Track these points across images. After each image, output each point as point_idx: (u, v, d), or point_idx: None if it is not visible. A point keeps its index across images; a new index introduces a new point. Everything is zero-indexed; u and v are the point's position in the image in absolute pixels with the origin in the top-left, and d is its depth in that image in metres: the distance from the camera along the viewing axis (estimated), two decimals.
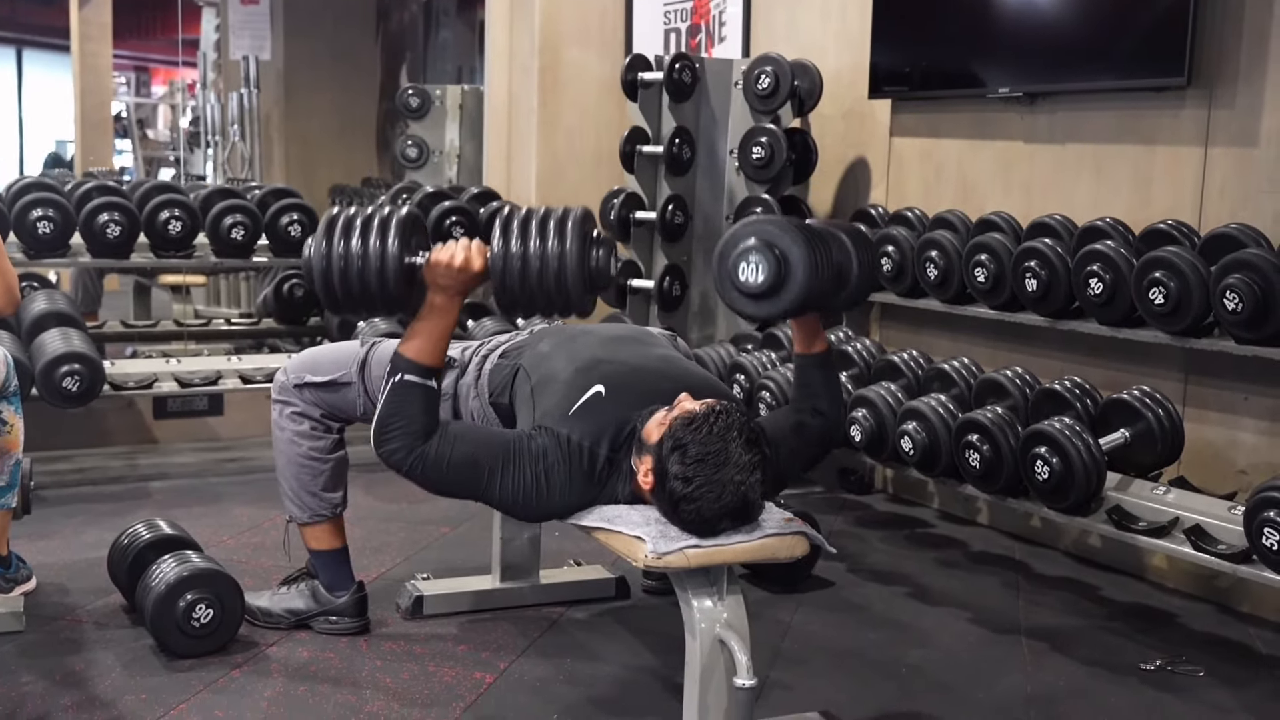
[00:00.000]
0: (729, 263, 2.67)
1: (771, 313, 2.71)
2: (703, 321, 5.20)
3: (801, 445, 2.82)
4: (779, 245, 2.62)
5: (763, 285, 2.62)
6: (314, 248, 2.56)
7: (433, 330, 2.60)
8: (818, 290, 2.66)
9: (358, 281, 2.54)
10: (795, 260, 2.60)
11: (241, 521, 4.15)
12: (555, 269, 2.49)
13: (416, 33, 11.08)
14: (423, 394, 2.58)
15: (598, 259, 2.55)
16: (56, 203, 4.58)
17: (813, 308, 2.76)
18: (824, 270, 2.66)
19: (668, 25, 5.99)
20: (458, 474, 2.58)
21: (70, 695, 2.79)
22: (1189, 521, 3.21)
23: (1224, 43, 3.58)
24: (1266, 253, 3.17)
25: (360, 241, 2.54)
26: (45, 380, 4.19)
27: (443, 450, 2.57)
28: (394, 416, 2.57)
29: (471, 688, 2.92)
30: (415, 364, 2.58)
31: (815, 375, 2.89)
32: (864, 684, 3.03)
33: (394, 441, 2.57)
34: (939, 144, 4.58)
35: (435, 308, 2.60)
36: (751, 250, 2.63)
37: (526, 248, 2.50)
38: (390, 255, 2.53)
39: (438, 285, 2.58)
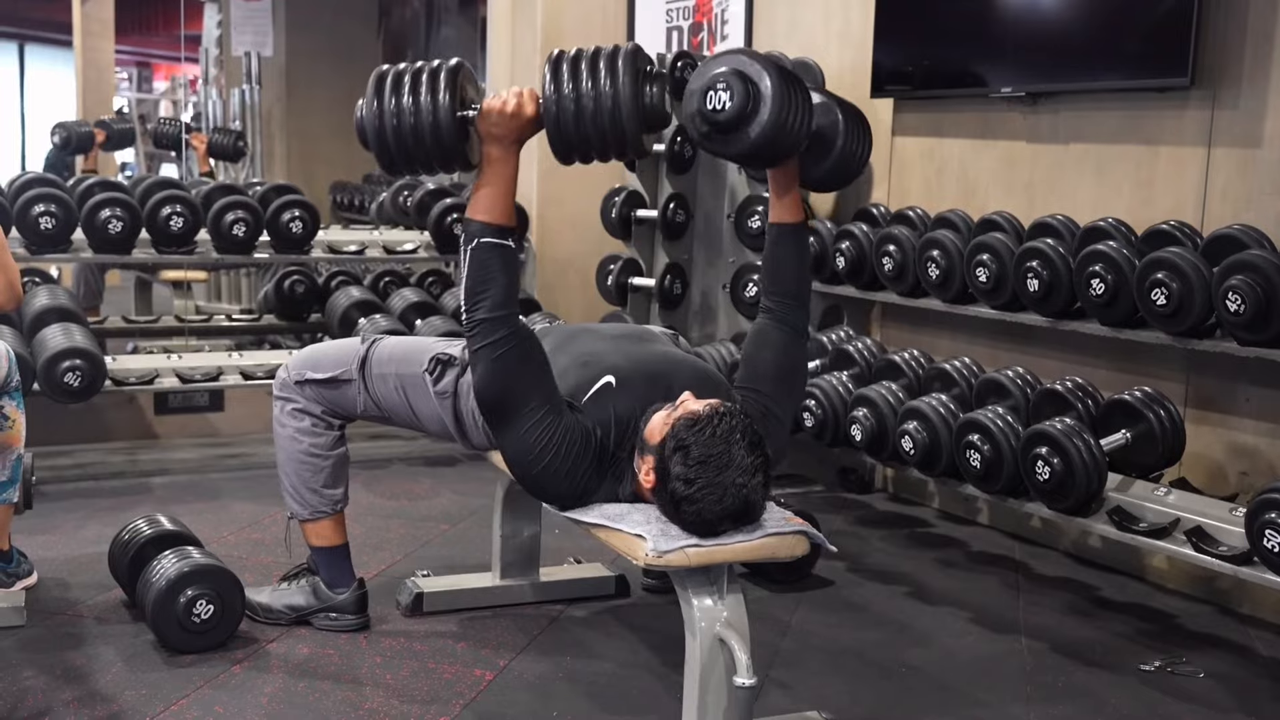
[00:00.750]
0: (698, 88, 2.59)
1: (739, 149, 2.61)
2: (704, 320, 5.20)
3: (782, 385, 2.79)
4: (750, 74, 2.55)
5: (730, 113, 2.53)
6: (365, 106, 2.53)
7: (495, 184, 2.57)
8: (787, 131, 2.57)
9: (411, 137, 2.50)
10: (765, 92, 2.52)
11: (242, 517, 4.16)
12: (610, 108, 2.44)
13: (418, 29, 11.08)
14: (501, 255, 2.55)
15: (652, 95, 2.48)
16: (59, 198, 4.58)
17: (783, 151, 2.67)
18: (797, 112, 2.57)
19: (670, 23, 5.99)
20: (510, 388, 2.55)
21: (71, 690, 2.79)
22: (1190, 523, 3.21)
23: (1228, 43, 3.58)
24: (1269, 254, 3.17)
25: (411, 97, 2.49)
26: (47, 375, 4.19)
27: (518, 355, 2.54)
28: (480, 284, 2.54)
29: (471, 685, 2.92)
30: (487, 225, 2.55)
31: (785, 253, 2.84)
32: (863, 683, 3.03)
33: (482, 311, 2.54)
34: (941, 143, 4.58)
35: (493, 160, 2.57)
36: (721, 76, 2.55)
37: (579, 88, 2.44)
38: (443, 108, 2.49)
39: (492, 135, 2.55)
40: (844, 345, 4.36)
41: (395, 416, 3.10)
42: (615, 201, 5.14)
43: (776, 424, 2.77)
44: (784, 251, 2.85)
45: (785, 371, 2.84)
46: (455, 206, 5.28)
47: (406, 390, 3.04)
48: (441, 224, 5.27)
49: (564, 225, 5.84)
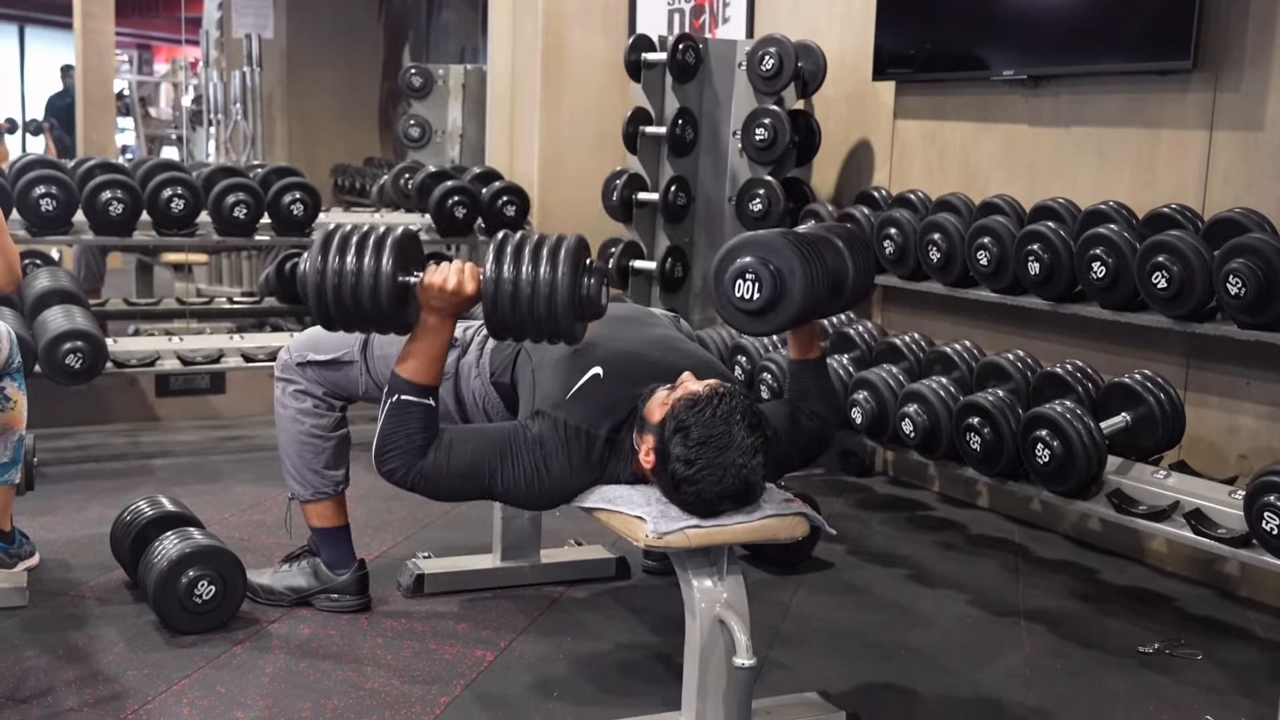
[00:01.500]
0: (725, 280, 2.68)
1: (770, 329, 2.73)
2: (705, 303, 5.20)
3: (797, 439, 2.83)
4: (775, 262, 2.63)
5: (760, 303, 2.63)
6: (309, 263, 2.58)
7: (427, 350, 2.61)
8: (814, 303, 2.68)
9: (351, 298, 2.55)
10: (792, 276, 2.62)
11: (243, 499, 4.16)
12: (546, 295, 2.49)
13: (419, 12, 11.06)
14: (420, 412, 2.60)
15: (589, 288, 2.55)
16: (59, 180, 4.57)
17: (810, 318, 2.78)
18: (820, 282, 2.67)
19: (671, 6, 5.98)
20: (459, 479, 2.60)
21: (73, 670, 2.80)
22: (1189, 506, 3.22)
23: (1230, 27, 3.57)
24: (1270, 237, 3.17)
25: (355, 259, 2.54)
26: (48, 357, 4.19)
27: (439, 461, 2.58)
28: (392, 436, 2.59)
29: (472, 666, 2.93)
30: (411, 384, 2.60)
31: (810, 381, 2.91)
32: (863, 665, 3.04)
33: (393, 460, 2.59)
34: (943, 126, 4.58)
35: (429, 328, 2.61)
36: (748, 268, 2.64)
37: (519, 273, 2.50)
38: (384, 274, 2.54)
39: (430, 306, 2.59)
40: (845, 328, 4.37)
41: None
42: (616, 184, 5.14)
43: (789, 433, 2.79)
44: (810, 382, 2.91)
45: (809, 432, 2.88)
46: (457, 189, 5.27)
47: None
48: (443, 207, 5.27)
49: (565, 208, 5.83)
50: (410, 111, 7.37)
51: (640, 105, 5.05)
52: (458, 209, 5.25)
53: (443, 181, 5.42)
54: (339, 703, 2.71)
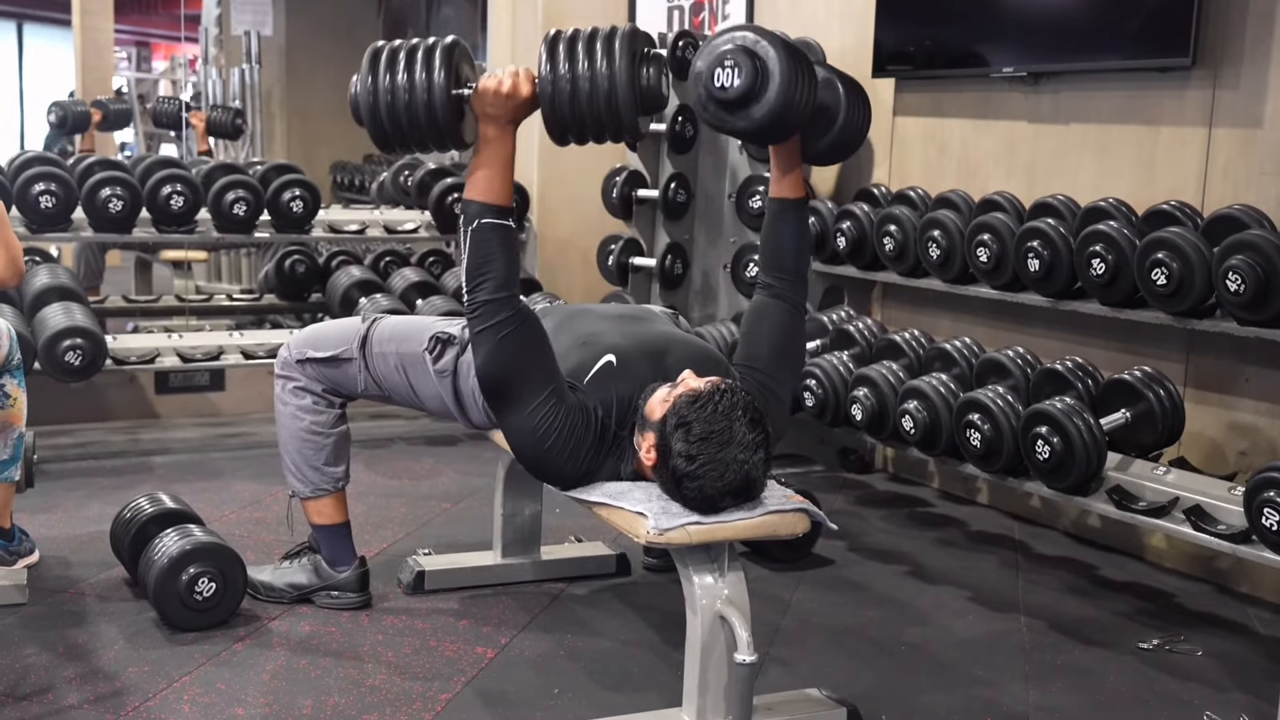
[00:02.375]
0: (705, 65, 2.59)
1: (747, 126, 2.61)
2: (704, 300, 5.20)
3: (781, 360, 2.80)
4: (758, 53, 2.55)
5: (738, 90, 2.54)
6: (359, 83, 2.51)
7: (492, 164, 2.56)
8: (794, 108, 2.58)
9: (405, 115, 2.49)
10: (773, 68, 2.53)
11: (243, 496, 4.16)
12: (605, 90, 2.42)
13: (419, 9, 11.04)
14: (501, 235, 2.55)
15: (649, 78, 2.47)
16: (59, 177, 4.58)
17: (789, 128, 2.68)
18: (803, 89, 2.58)
19: (671, 2, 5.97)
20: (514, 371, 2.55)
21: (73, 667, 2.80)
22: (1189, 502, 3.22)
23: (1229, 24, 3.57)
24: (1269, 234, 3.16)
25: (406, 74, 2.48)
26: (47, 354, 4.20)
27: (521, 338, 2.54)
28: (483, 264, 2.53)
29: (473, 662, 2.93)
30: (485, 205, 2.55)
31: (784, 228, 2.85)
32: (863, 661, 3.05)
33: (485, 290, 2.54)
34: (942, 123, 4.58)
35: (489, 139, 2.56)
36: (729, 54, 2.56)
37: (575, 69, 2.43)
38: (437, 87, 2.47)
39: (488, 115, 2.54)
40: (845, 325, 4.37)
41: (396, 395, 3.10)
42: (616, 181, 5.14)
43: (776, 401, 2.77)
44: (784, 227, 2.85)
45: (784, 347, 2.84)
46: (456, 186, 5.27)
47: (407, 369, 3.04)
48: (442, 203, 5.27)
49: (565, 205, 5.83)
50: None
51: None
52: (458, 205, 5.24)
53: (442, 178, 5.42)
54: (340, 700, 2.71)
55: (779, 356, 2.82)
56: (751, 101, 2.55)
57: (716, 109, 2.61)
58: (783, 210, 2.85)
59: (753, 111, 2.57)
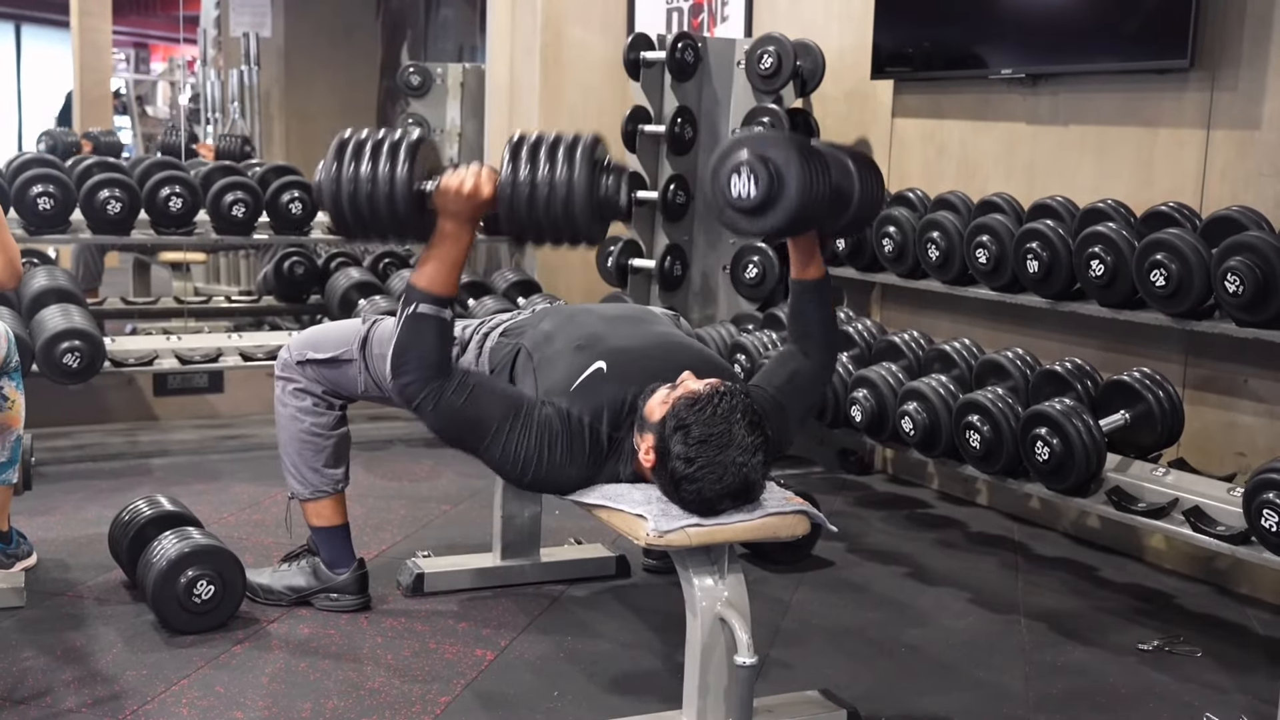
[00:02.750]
0: (722, 176, 2.62)
1: (764, 228, 2.64)
2: (704, 301, 5.20)
3: (796, 395, 2.80)
4: (773, 159, 2.57)
5: (756, 199, 2.57)
6: (324, 171, 2.54)
7: (445, 257, 2.58)
8: (812, 207, 2.60)
9: (367, 206, 2.51)
10: (789, 175, 2.55)
11: (242, 499, 4.16)
12: (564, 196, 2.45)
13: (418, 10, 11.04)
14: (436, 325, 2.57)
15: (607, 186, 2.50)
16: (57, 179, 4.57)
17: (809, 225, 2.71)
18: (820, 187, 2.60)
19: (670, 4, 5.97)
20: (464, 425, 2.58)
21: (71, 670, 2.80)
22: (1188, 503, 3.22)
23: (1227, 26, 3.57)
24: (1268, 235, 3.17)
25: (370, 165, 2.50)
26: (46, 356, 4.19)
27: (455, 399, 2.56)
28: (409, 348, 2.57)
29: (472, 665, 2.93)
30: (428, 294, 2.57)
31: (809, 306, 2.86)
32: (863, 663, 3.04)
33: (408, 374, 2.56)
34: (941, 125, 4.58)
35: (446, 234, 2.57)
36: (745, 163, 2.58)
37: (535, 174, 2.45)
38: (400, 180, 2.50)
39: (448, 211, 2.55)
40: (844, 326, 4.36)
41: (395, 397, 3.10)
42: None
43: (781, 417, 2.75)
44: (809, 306, 2.87)
45: (804, 386, 2.85)
46: None
47: None
48: None
49: None
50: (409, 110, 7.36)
51: (639, 104, 5.04)
52: None
53: None
54: (339, 703, 2.71)
55: (797, 391, 2.83)
56: (770, 207, 2.59)
57: (735, 216, 2.65)
58: (805, 290, 2.87)
59: (773, 217, 2.61)
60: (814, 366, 2.86)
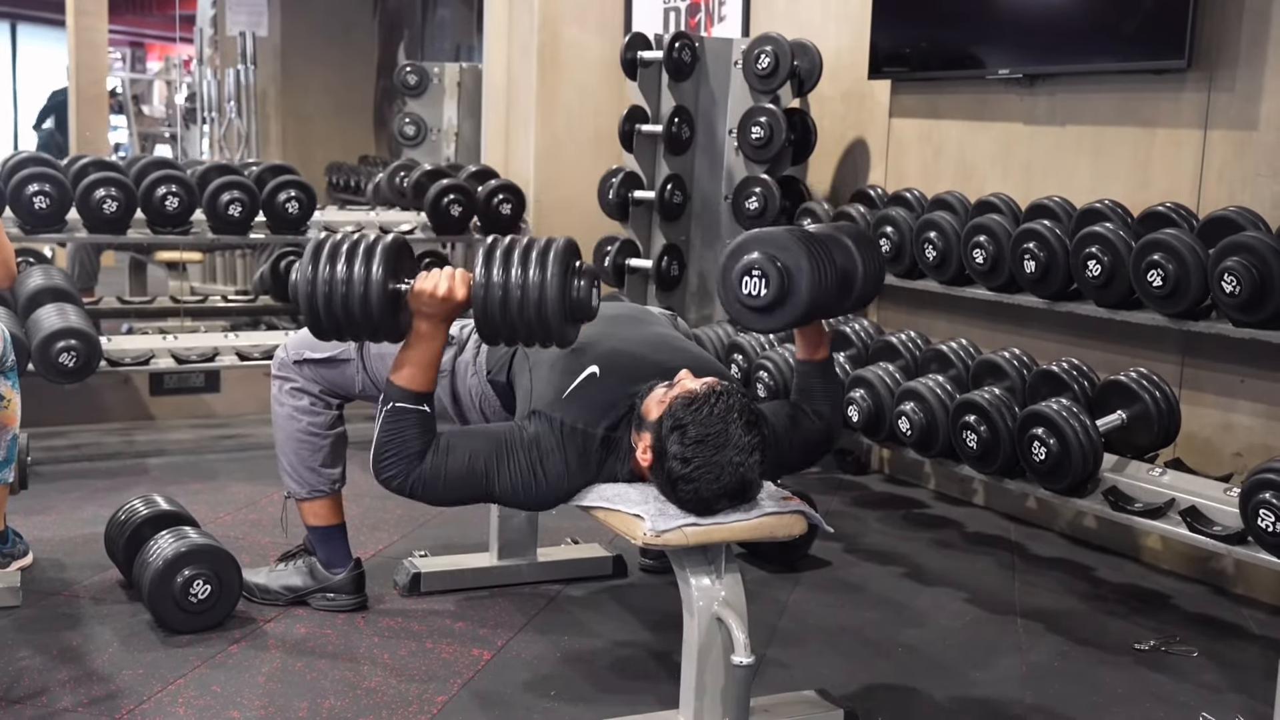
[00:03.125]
0: (733, 277, 2.68)
1: (777, 325, 2.72)
2: (701, 301, 5.20)
3: (796, 439, 2.83)
4: (782, 259, 2.63)
5: (767, 299, 2.63)
6: (300, 273, 2.59)
7: (420, 357, 2.61)
8: (822, 300, 2.68)
9: (342, 307, 2.56)
10: (799, 273, 2.62)
11: (238, 498, 4.16)
12: (536, 299, 2.49)
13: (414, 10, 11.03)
14: (416, 419, 2.60)
15: (579, 290, 2.55)
16: (53, 178, 4.56)
17: (818, 316, 2.77)
18: (828, 279, 2.66)
19: (667, 4, 5.97)
20: (457, 482, 2.60)
21: (67, 670, 2.80)
22: (1185, 503, 3.22)
23: (1224, 26, 3.57)
24: (1264, 236, 3.17)
25: (346, 267, 2.55)
26: (42, 356, 4.18)
27: (437, 465, 2.58)
28: (389, 444, 2.59)
29: (469, 664, 2.93)
30: (406, 391, 2.60)
31: (816, 383, 2.90)
32: (860, 663, 3.04)
33: (390, 468, 2.59)
34: (938, 125, 4.58)
35: (421, 334, 2.61)
36: (755, 264, 2.64)
37: (508, 277, 2.50)
38: (375, 282, 2.54)
39: (422, 313, 2.59)
40: (841, 326, 4.36)
41: None
42: (613, 183, 5.13)
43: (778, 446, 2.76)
44: (816, 385, 2.90)
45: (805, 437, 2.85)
46: (452, 188, 5.26)
47: None
48: (438, 205, 5.26)
49: (561, 206, 5.83)
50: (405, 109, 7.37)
51: (636, 103, 5.04)
52: (453, 207, 5.25)
53: (438, 180, 5.42)
54: (335, 702, 2.71)
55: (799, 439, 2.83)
56: (781, 306, 2.64)
57: (748, 314, 2.70)
58: (812, 373, 2.90)
59: (783, 315, 2.67)
60: (821, 427, 2.88)
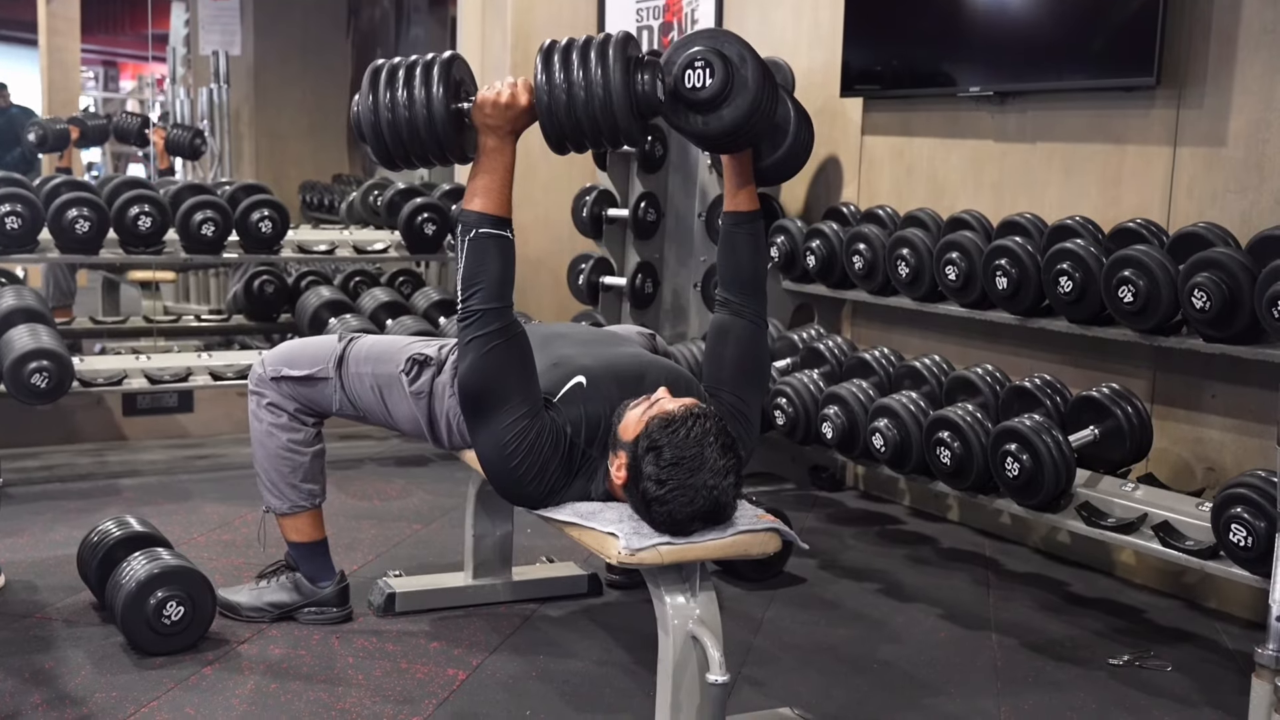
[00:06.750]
0: (676, 68, 2.59)
1: (714, 127, 2.61)
2: (675, 319, 5.21)
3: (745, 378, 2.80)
4: (729, 55, 2.56)
5: (709, 91, 2.56)
6: (360, 101, 2.54)
7: (492, 173, 2.56)
8: (761, 113, 2.59)
9: (406, 130, 2.51)
10: (744, 65, 2.55)
11: (212, 519, 4.13)
12: (602, 96, 2.44)
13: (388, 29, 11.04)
14: (499, 245, 2.55)
15: (643, 84, 2.49)
16: (25, 198, 4.54)
17: (754, 135, 2.69)
18: (769, 94, 2.59)
19: (640, 22, 5.99)
20: (495, 376, 2.54)
21: (40, 693, 2.77)
22: (1157, 518, 3.24)
23: (1192, 44, 3.61)
24: (1233, 252, 3.20)
25: (405, 90, 2.50)
26: (13, 377, 4.16)
27: (505, 350, 2.53)
28: (477, 274, 2.54)
29: (444, 685, 2.92)
30: (484, 215, 2.55)
31: (741, 240, 2.83)
32: (836, 680, 3.05)
33: (478, 300, 2.54)
34: (910, 142, 4.60)
35: (489, 150, 2.56)
36: (700, 55, 2.57)
37: (570, 78, 2.45)
38: (437, 100, 2.50)
39: (487, 126, 2.55)
40: (815, 343, 4.38)
41: (370, 415, 3.10)
42: (586, 200, 5.14)
43: (745, 423, 2.77)
44: (741, 241, 2.84)
45: (749, 364, 2.84)
46: (425, 206, 5.27)
47: (382, 389, 3.03)
48: (412, 223, 5.26)
49: (535, 224, 5.83)
50: None
51: None
52: (427, 226, 5.25)
53: (412, 198, 5.42)
54: None
55: (744, 375, 2.83)
56: (722, 104, 2.57)
57: (685, 110, 2.62)
58: (738, 224, 2.84)
59: (722, 114, 2.59)
60: (749, 326, 2.83)
